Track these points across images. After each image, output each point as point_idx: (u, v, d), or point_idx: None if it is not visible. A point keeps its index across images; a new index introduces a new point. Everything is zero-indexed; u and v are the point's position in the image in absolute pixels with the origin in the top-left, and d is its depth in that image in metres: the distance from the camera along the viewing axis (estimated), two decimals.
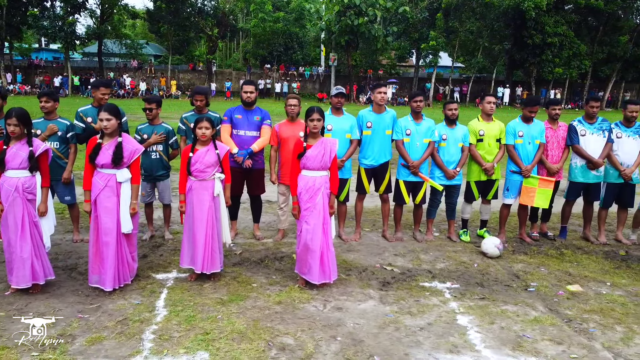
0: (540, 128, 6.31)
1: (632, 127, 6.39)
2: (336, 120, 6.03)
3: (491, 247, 5.83)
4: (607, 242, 6.54)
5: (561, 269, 5.56)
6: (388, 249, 6.04)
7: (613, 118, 7.01)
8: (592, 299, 4.79)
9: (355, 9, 36.01)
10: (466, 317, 4.30)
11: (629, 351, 3.84)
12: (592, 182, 6.41)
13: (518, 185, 6.33)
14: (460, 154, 6.26)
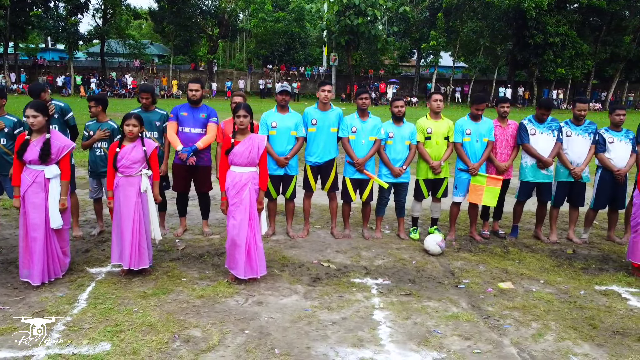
0: (489, 126, 6.31)
1: (582, 125, 6.37)
2: (281, 118, 6.08)
3: (432, 245, 5.85)
4: (557, 240, 6.52)
5: (500, 267, 5.56)
6: (332, 246, 6.08)
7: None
8: (519, 296, 4.79)
9: (355, 8, 36.03)
10: (383, 313, 4.32)
11: (535, 347, 3.85)
12: (543, 182, 6.39)
13: (466, 183, 6.33)
14: (407, 152, 6.28)
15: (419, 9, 40.85)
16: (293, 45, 48.38)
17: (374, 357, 3.62)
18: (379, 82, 42.15)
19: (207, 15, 40.80)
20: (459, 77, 49.31)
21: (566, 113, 33.46)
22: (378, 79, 43.24)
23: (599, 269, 5.66)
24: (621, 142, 6.29)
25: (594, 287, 5.10)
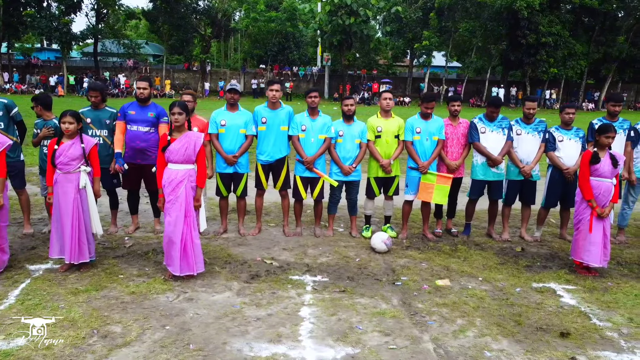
0: (439, 125, 6.33)
1: (532, 124, 6.40)
2: (231, 116, 6.11)
3: (378, 243, 5.87)
4: (509, 239, 6.54)
5: (443, 265, 5.58)
6: (280, 244, 6.11)
7: None
8: (453, 294, 4.81)
9: (347, 8, 36.05)
10: (310, 309, 4.35)
11: (453, 343, 3.88)
12: (493, 180, 6.42)
13: (416, 182, 6.36)
14: (357, 150, 6.31)
15: (412, 9, 40.85)
16: (287, 45, 48.44)
17: (287, 353, 3.65)
18: (372, 82, 42.16)
19: (200, 15, 40.81)
20: (453, 77, 49.37)
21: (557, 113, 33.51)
22: (371, 78, 43.27)
23: (543, 266, 5.69)
24: (571, 140, 6.32)
25: (532, 284, 5.13)
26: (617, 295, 4.91)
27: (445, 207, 6.78)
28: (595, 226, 5.35)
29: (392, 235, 6.52)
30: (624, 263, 5.87)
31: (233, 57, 54.88)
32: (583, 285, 5.13)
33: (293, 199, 6.46)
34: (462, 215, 6.94)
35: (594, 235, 5.33)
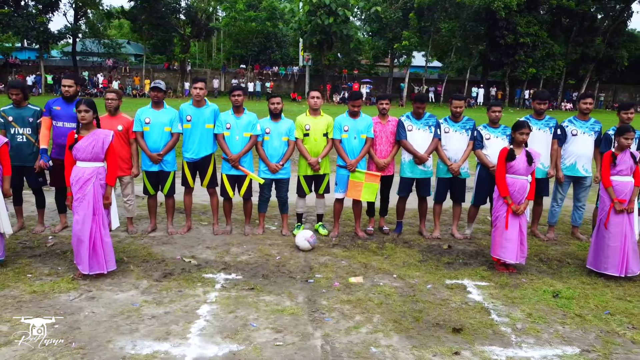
0: (367, 123, 6.35)
1: (460, 122, 6.44)
2: (155, 114, 6.08)
3: (302, 241, 5.88)
4: (439, 236, 6.58)
5: (363, 262, 5.59)
6: (206, 242, 6.09)
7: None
8: (362, 291, 4.83)
9: (326, 8, 36.04)
10: (210, 307, 4.34)
11: (343, 339, 3.89)
12: (420, 177, 6.46)
13: (345, 180, 6.37)
14: (285, 148, 6.31)
15: (393, 9, 40.95)
16: (269, 45, 48.37)
17: (169, 350, 3.63)
18: (352, 82, 42.22)
19: (180, 14, 40.59)
20: (435, 77, 49.56)
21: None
22: (352, 78, 43.33)
23: (464, 263, 5.73)
24: (498, 138, 6.36)
25: (445, 281, 5.16)
26: (527, 291, 4.95)
27: (378, 205, 6.80)
28: (511, 223, 5.40)
29: (323, 233, 6.54)
30: (546, 260, 5.92)
31: (216, 57, 54.69)
32: (496, 282, 5.16)
33: (222, 197, 6.45)
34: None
35: (509, 232, 5.38)
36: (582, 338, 4.05)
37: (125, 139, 6.07)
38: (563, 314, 4.47)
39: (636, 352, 3.85)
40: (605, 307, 4.61)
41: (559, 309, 4.55)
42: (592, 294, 4.90)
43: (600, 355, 3.79)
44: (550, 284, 5.13)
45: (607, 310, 4.55)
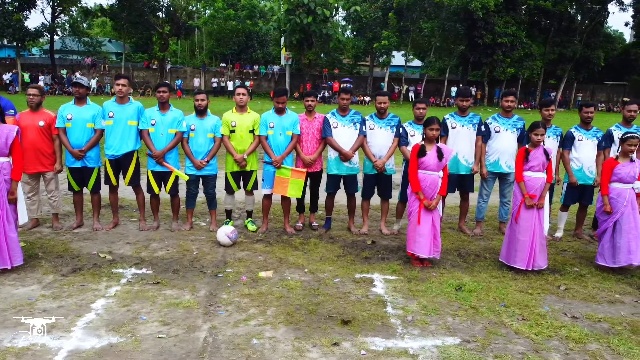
0: (292, 120, 6.40)
1: (385, 118, 6.50)
2: (77, 110, 6.09)
3: (222, 236, 5.91)
4: (367, 232, 6.64)
5: (281, 257, 5.64)
6: (128, 238, 6.11)
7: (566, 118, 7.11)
8: (267, 285, 4.87)
9: (304, 7, 36.07)
10: (106, 301, 4.37)
11: (227, 331, 3.92)
12: (346, 174, 6.52)
13: (272, 176, 6.41)
14: (211, 145, 6.34)
15: (373, 9, 41.09)
16: (251, 44, 48.31)
17: (46, 343, 3.65)
18: (332, 81, 42.31)
19: (158, 13, 40.40)
20: (416, 77, 49.83)
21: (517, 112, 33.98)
22: (332, 78, 43.42)
23: (383, 258, 5.79)
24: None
25: (355, 275, 5.22)
26: (432, 284, 5.02)
27: (308, 201, 6.85)
28: (424, 218, 5.47)
29: (252, 229, 6.58)
30: (465, 254, 6.01)
31: (199, 56, 54.51)
32: (406, 276, 5.23)
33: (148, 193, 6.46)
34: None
35: (422, 227, 5.45)
36: (468, 329, 4.12)
37: (48, 135, 6.06)
38: (458, 306, 4.55)
39: (515, 342, 3.94)
40: (503, 300, 4.70)
41: (457, 302, 4.63)
42: (495, 287, 4.99)
43: (478, 345, 3.87)
44: (458, 278, 5.21)
45: (503, 302, 4.64)
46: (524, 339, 3.99)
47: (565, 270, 5.58)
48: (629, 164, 5.49)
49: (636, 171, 5.48)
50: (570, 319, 4.38)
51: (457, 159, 6.53)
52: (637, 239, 5.43)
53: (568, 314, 4.49)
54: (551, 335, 4.07)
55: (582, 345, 3.94)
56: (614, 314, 4.52)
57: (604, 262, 5.55)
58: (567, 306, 4.66)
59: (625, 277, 5.46)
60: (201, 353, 3.62)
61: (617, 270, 5.54)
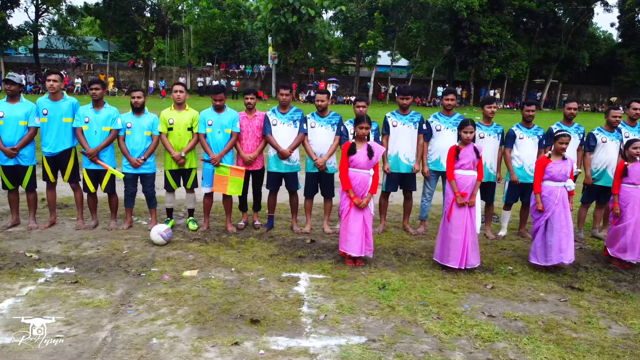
0: (232, 117, 6.34)
1: (326, 117, 6.46)
2: (10, 108, 6.00)
3: (155, 235, 5.85)
4: (308, 231, 6.59)
5: (212, 256, 5.58)
6: (62, 237, 6.03)
7: (551, 118, 7.11)
8: (188, 284, 4.81)
9: (290, 7, 35.99)
10: (15, 300, 4.30)
11: (130, 331, 3.86)
12: (286, 172, 6.47)
13: (211, 174, 6.36)
14: (148, 143, 6.27)
15: (359, 8, 41.06)
16: (238, 43, 48.16)
17: None
18: (319, 80, 42.27)
19: (143, 11, 40.17)
20: (404, 77, 49.86)
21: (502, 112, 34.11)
22: (319, 77, 43.38)
23: (317, 257, 5.74)
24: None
25: (282, 274, 5.17)
26: (358, 283, 4.98)
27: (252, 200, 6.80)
28: (354, 216, 5.43)
29: (193, 228, 6.52)
30: (402, 253, 5.97)
31: (187, 56, 54.32)
32: (334, 275, 5.19)
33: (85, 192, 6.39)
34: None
35: (353, 226, 5.41)
36: (378, 328, 4.08)
37: None
38: (376, 305, 4.51)
39: (421, 341, 3.90)
40: (424, 299, 4.66)
41: (376, 300, 4.59)
42: (420, 286, 4.95)
43: (383, 345, 3.82)
44: (386, 277, 5.17)
45: (422, 301, 4.60)
46: (431, 338, 3.95)
47: (499, 269, 5.55)
48: (560, 162, 5.47)
49: (568, 169, 5.46)
50: (486, 318, 4.35)
51: (398, 158, 6.50)
52: (568, 238, 5.42)
53: (486, 312, 4.45)
54: (461, 334, 4.04)
55: (489, 344, 3.91)
56: (532, 313, 4.50)
57: (537, 260, 5.54)
58: (488, 305, 4.63)
59: (556, 275, 5.44)
60: (95, 353, 3.56)
61: (550, 268, 5.52)
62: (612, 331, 4.21)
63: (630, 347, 3.95)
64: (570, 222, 5.47)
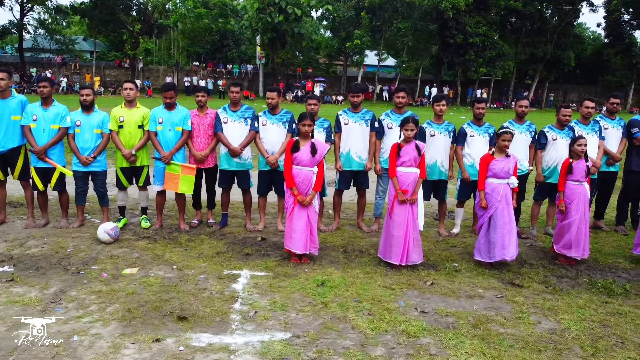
0: (182, 115, 6.34)
1: (277, 114, 6.45)
2: None
3: (101, 233, 5.83)
4: (261, 229, 6.59)
5: (156, 254, 5.57)
6: (9, 235, 6.01)
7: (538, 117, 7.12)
8: (126, 282, 4.80)
9: (275, 6, 35.96)
10: None
11: (53, 329, 3.84)
12: (238, 170, 6.47)
13: (163, 172, 6.35)
14: (98, 140, 6.25)
15: (345, 8, 41.08)
16: (226, 42, 48.06)
17: None
18: (306, 80, 42.27)
19: (128, 10, 39.98)
20: (392, 77, 49.93)
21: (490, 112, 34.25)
22: (306, 77, 43.37)
23: (265, 255, 5.75)
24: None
25: (223, 271, 5.17)
26: (297, 280, 4.99)
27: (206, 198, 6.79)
28: (298, 214, 5.44)
29: (145, 226, 6.50)
30: (350, 251, 5.98)
31: (176, 55, 54.12)
32: (276, 272, 5.19)
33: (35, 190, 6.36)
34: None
35: (297, 223, 5.42)
36: (306, 325, 4.09)
37: None
38: (310, 302, 4.51)
39: (346, 337, 3.91)
40: (360, 295, 4.67)
41: (311, 297, 4.60)
42: (359, 283, 4.96)
43: (306, 341, 3.83)
44: (328, 274, 5.18)
45: (357, 298, 4.61)
46: (357, 334, 3.97)
47: (444, 266, 5.58)
48: (504, 159, 5.50)
49: (511, 166, 5.50)
50: (418, 314, 4.37)
51: (350, 156, 6.51)
52: (510, 234, 5.45)
53: (419, 309, 4.47)
54: (388, 330, 4.05)
55: (414, 339, 3.93)
56: (466, 309, 4.52)
57: (481, 257, 5.57)
58: (424, 301, 4.65)
59: (500, 272, 5.47)
60: (12, 351, 3.54)
61: (495, 265, 5.56)
62: (540, 326, 4.24)
63: (554, 341, 3.98)
64: (512, 218, 5.50)
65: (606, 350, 3.87)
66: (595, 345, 3.93)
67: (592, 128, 6.69)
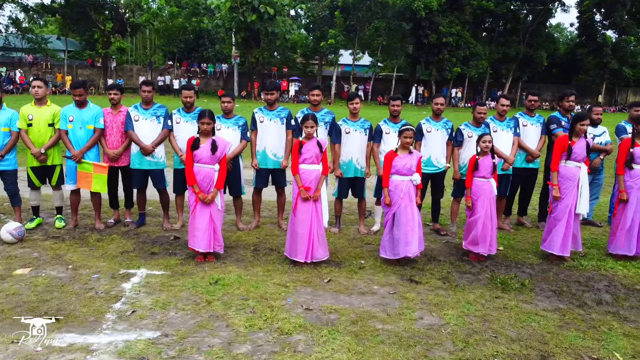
0: (94, 113, 6.26)
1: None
2: None
3: (4, 233, 5.73)
4: (178, 228, 6.54)
5: (58, 254, 5.50)
6: None
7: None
8: (12, 282, 4.72)
9: (248, 5, 35.79)
10: None
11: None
12: (151, 169, 6.43)
13: (74, 171, 6.26)
14: (7, 139, 6.14)
15: (320, 7, 41.07)
16: (202, 42, 47.75)
17: None
18: (282, 79, 42.18)
19: (101, 9, 39.50)
20: (368, 76, 50.06)
21: (462, 111, 34.57)
22: (282, 76, 43.29)
23: (171, 253, 5.70)
24: (228, 128, 6.37)
25: (119, 270, 5.11)
26: (193, 279, 4.94)
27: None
28: (201, 212, 5.39)
29: (60, 226, 6.40)
30: (261, 249, 5.94)
31: (149, 54, 53.67)
32: (174, 271, 5.15)
33: None
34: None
35: (199, 221, 5.37)
36: (181, 324, 4.05)
37: None
38: (194, 300, 4.48)
39: (215, 335, 3.88)
40: (250, 293, 4.65)
41: (199, 296, 4.56)
42: (255, 281, 4.93)
43: (173, 340, 3.79)
44: (227, 272, 5.14)
45: (245, 296, 4.58)
46: (229, 332, 3.94)
47: (349, 263, 5.57)
48: (406, 156, 5.52)
49: (413, 163, 5.51)
50: (301, 311, 4.35)
51: (266, 154, 6.50)
52: (413, 231, 5.46)
53: (304, 306, 4.46)
54: (263, 327, 4.03)
55: (285, 336, 3.90)
56: (352, 305, 4.51)
57: (386, 254, 5.57)
58: (314, 298, 4.63)
59: (403, 268, 5.48)
60: None
61: (401, 261, 5.56)
62: (421, 322, 4.25)
63: (427, 337, 3.98)
64: (416, 215, 5.51)
65: (477, 345, 3.89)
66: (467, 340, 3.94)
67: (508, 124, 6.75)
